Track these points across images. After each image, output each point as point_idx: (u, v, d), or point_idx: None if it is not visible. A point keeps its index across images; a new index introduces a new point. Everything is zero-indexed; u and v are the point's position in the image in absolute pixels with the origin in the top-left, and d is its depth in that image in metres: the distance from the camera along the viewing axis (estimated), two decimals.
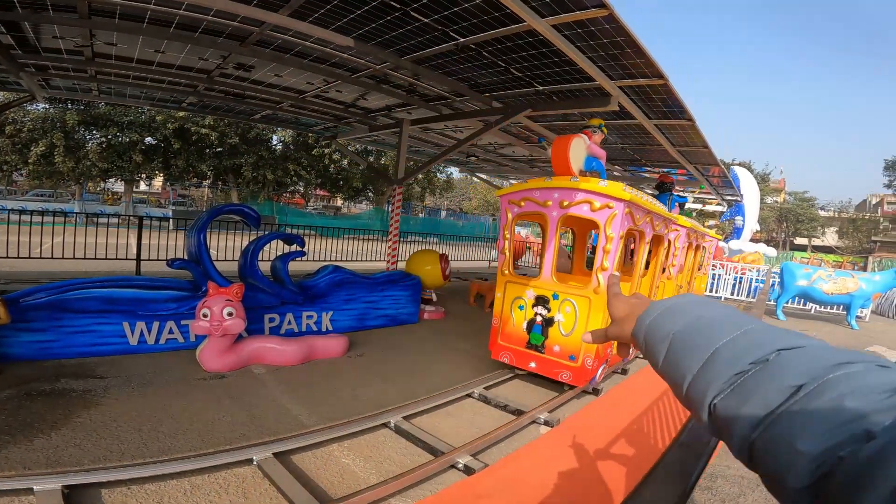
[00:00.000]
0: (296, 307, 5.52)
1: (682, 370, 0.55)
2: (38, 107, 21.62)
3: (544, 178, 4.55)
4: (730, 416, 0.48)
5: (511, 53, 4.42)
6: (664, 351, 0.59)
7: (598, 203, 4.08)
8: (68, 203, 22.92)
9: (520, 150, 9.43)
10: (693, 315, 0.59)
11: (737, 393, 0.48)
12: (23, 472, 2.38)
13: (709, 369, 0.52)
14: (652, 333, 0.63)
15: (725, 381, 0.49)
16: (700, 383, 0.52)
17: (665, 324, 0.61)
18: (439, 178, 34.30)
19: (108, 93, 8.16)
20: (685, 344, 0.57)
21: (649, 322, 0.64)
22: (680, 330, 0.58)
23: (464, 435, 3.43)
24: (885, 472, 0.35)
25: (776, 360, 0.48)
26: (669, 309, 0.63)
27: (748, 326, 0.54)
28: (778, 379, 0.46)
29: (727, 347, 0.52)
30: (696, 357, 0.54)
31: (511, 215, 4.77)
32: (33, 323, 4.02)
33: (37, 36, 5.06)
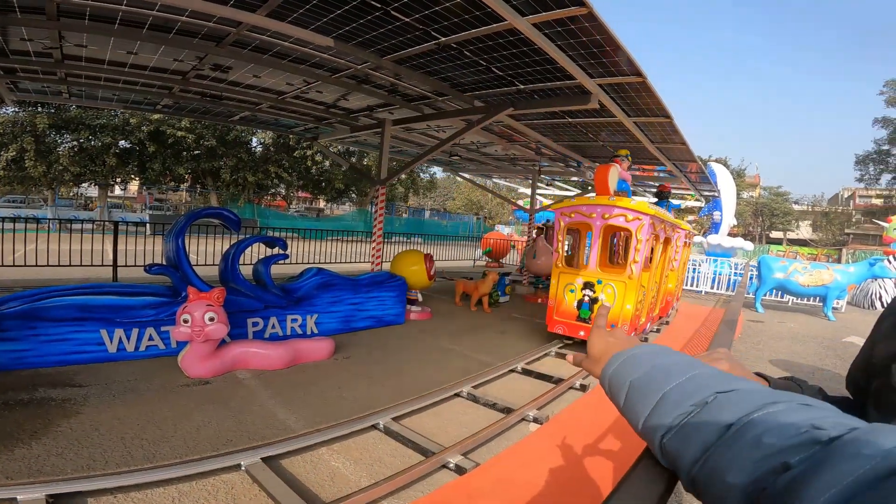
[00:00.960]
0: (280, 311, 5.45)
1: (637, 413, 0.61)
2: (7, 110, 20.92)
3: (588, 197, 6.01)
4: (676, 453, 0.54)
5: (492, 52, 4.43)
6: (623, 397, 0.65)
7: (631, 216, 5.55)
8: (41, 209, 22.23)
9: (502, 148, 9.48)
10: (648, 365, 0.65)
11: (680, 433, 0.54)
12: (5, 481, 2.32)
13: (658, 411, 0.58)
14: (614, 381, 0.68)
15: (671, 421, 0.55)
16: (651, 424, 0.58)
17: (625, 372, 0.67)
18: (422, 178, 34.29)
19: (79, 95, 7.90)
20: (640, 390, 0.62)
21: (612, 371, 0.69)
22: (637, 378, 0.64)
23: (454, 434, 3.43)
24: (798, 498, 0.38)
25: (714, 402, 0.53)
26: (629, 359, 0.69)
27: (694, 372, 0.60)
28: (713, 419, 0.51)
29: (674, 391, 0.58)
30: (648, 401, 0.60)
31: (563, 223, 6.15)
32: (7, 332, 3.90)
33: (4, 38, 4.89)
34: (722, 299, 13.12)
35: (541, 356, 5.73)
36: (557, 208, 6.27)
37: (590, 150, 8.69)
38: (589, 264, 6.03)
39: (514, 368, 5.20)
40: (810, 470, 0.39)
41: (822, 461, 0.39)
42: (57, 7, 4.04)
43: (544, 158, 10.36)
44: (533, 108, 5.64)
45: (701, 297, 13.61)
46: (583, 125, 6.89)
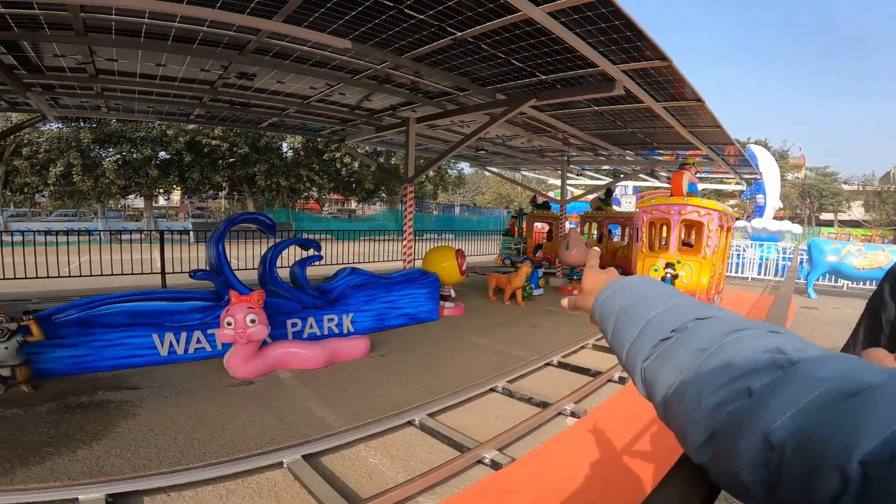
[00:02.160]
0: (317, 311, 5.59)
1: (623, 341, 0.61)
2: (52, 127, 22.12)
3: (666, 197, 7.60)
4: (653, 379, 0.54)
5: (510, 44, 4.38)
6: (612, 325, 0.65)
7: (703, 212, 7.04)
8: (92, 221, 23.52)
9: (528, 140, 9.38)
10: (636, 293, 0.65)
11: (659, 358, 0.54)
12: (67, 482, 2.47)
13: (641, 338, 0.58)
14: (603, 310, 0.68)
15: (652, 347, 0.56)
16: (633, 350, 0.59)
17: (613, 302, 0.67)
18: (450, 174, 34.27)
19: (116, 109, 8.28)
20: (626, 317, 0.63)
21: (602, 301, 0.69)
22: (624, 306, 0.64)
23: (489, 430, 3.45)
24: (757, 419, 0.39)
25: (692, 327, 0.54)
26: (618, 288, 0.69)
27: (677, 301, 0.60)
28: (690, 343, 0.52)
29: (657, 318, 0.58)
30: (632, 328, 0.60)
31: (646, 219, 7.56)
32: (66, 339, 4.16)
33: (38, 55, 5.13)
34: (770, 285, 12.56)
35: (577, 349, 5.66)
36: (641, 207, 7.91)
37: (619, 137, 8.48)
38: (669, 248, 7.40)
39: (549, 362, 5.16)
40: (768, 392, 0.40)
41: (780, 384, 0.40)
42: (83, 23, 4.22)
43: (572, 148, 10.19)
44: (556, 98, 5.56)
45: (747, 283, 13.06)
46: (610, 113, 6.74)
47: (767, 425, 0.38)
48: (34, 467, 2.63)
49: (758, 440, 0.38)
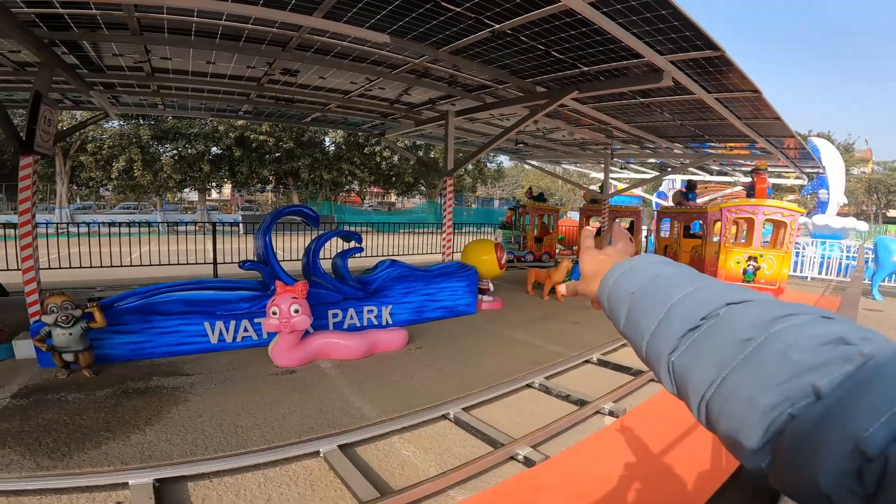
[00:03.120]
0: (357, 302, 5.70)
1: (641, 329, 0.55)
2: (114, 124, 23.57)
3: (750, 199, 8.65)
4: (686, 373, 0.48)
5: (550, 36, 4.27)
6: (625, 312, 0.59)
7: (786, 213, 8.26)
8: (151, 214, 24.99)
9: (569, 133, 9.17)
10: (651, 274, 0.59)
11: (691, 350, 0.48)
12: (120, 466, 2.63)
13: (664, 327, 0.52)
14: (613, 295, 0.62)
15: (680, 338, 0.49)
16: (657, 341, 0.52)
17: (625, 285, 0.61)
18: (489, 167, 34.06)
19: (172, 106, 8.70)
20: (643, 303, 0.56)
21: (611, 284, 0.63)
22: (638, 290, 0.58)
23: (524, 426, 3.43)
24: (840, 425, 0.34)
25: (725, 314, 0.48)
26: (629, 270, 0.63)
27: (700, 283, 0.54)
28: (727, 333, 0.46)
29: (680, 304, 0.52)
30: (652, 315, 0.54)
31: (730, 217, 8.52)
32: (126, 326, 4.43)
33: (98, 54, 5.41)
34: (832, 286, 11.76)
35: (618, 346, 5.52)
36: (725, 207, 8.72)
37: (667, 130, 8.14)
38: (753, 243, 8.45)
39: (588, 359, 5.06)
40: (850, 393, 0.35)
41: (863, 382, 0.35)
42: (138, 22, 4.40)
43: (616, 141, 9.87)
44: (599, 91, 5.40)
45: (806, 283, 12.28)
46: (657, 104, 6.47)
47: (857, 432, 0.32)
48: (90, 451, 2.81)
49: (845, 448, 0.33)
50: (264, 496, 2.49)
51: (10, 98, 7.42)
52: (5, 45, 4.91)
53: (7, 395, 3.56)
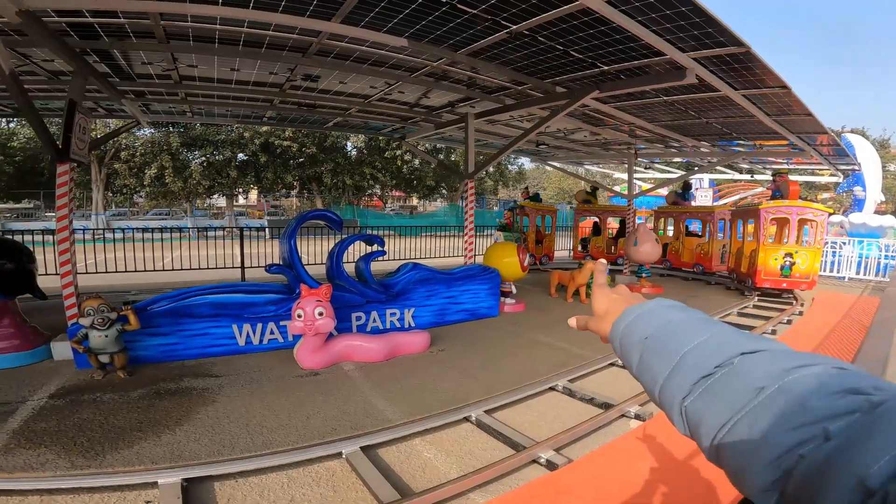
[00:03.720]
0: (380, 305, 5.75)
1: (654, 374, 0.57)
2: (146, 132, 24.39)
3: (784, 200, 9.21)
4: (698, 417, 0.51)
5: (567, 35, 4.23)
6: (637, 356, 0.61)
7: (818, 213, 9.01)
8: (182, 220, 25.77)
9: (591, 134, 9.06)
10: (663, 320, 0.61)
11: (704, 396, 0.51)
12: (151, 466, 2.71)
13: (677, 373, 0.54)
14: (626, 339, 0.64)
15: (693, 384, 0.52)
16: (670, 387, 0.55)
17: (637, 329, 0.63)
18: (510, 169, 33.94)
19: (199, 113, 8.93)
20: (656, 349, 0.59)
21: (623, 328, 0.65)
22: (651, 335, 0.60)
23: (547, 429, 3.40)
24: (847, 464, 0.37)
25: (739, 363, 0.50)
26: (641, 315, 0.64)
27: (714, 330, 0.56)
28: (741, 381, 0.48)
29: (694, 352, 0.54)
30: (665, 361, 0.56)
31: (768, 217, 9.11)
32: (159, 328, 4.58)
33: (128, 63, 5.57)
34: (870, 286, 11.30)
35: None
36: (763, 208, 9.19)
37: (693, 128, 7.96)
38: (789, 241, 9.34)
39: (614, 362, 4.98)
40: (856, 437, 0.38)
41: (870, 427, 0.38)
42: (164, 30, 4.53)
43: (640, 140, 9.71)
44: (620, 90, 5.32)
45: (843, 283, 11.82)
46: (682, 103, 6.33)
47: (862, 470, 0.35)
48: (123, 451, 2.90)
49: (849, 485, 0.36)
50: (287, 496, 2.54)
51: (46, 107, 7.68)
52: (39, 55, 5.10)
53: (45, 396, 3.72)
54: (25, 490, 2.51)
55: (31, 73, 5.71)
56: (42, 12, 3.87)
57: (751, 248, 9.48)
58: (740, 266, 9.93)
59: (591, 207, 13.64)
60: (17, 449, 2.87)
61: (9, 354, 4.37)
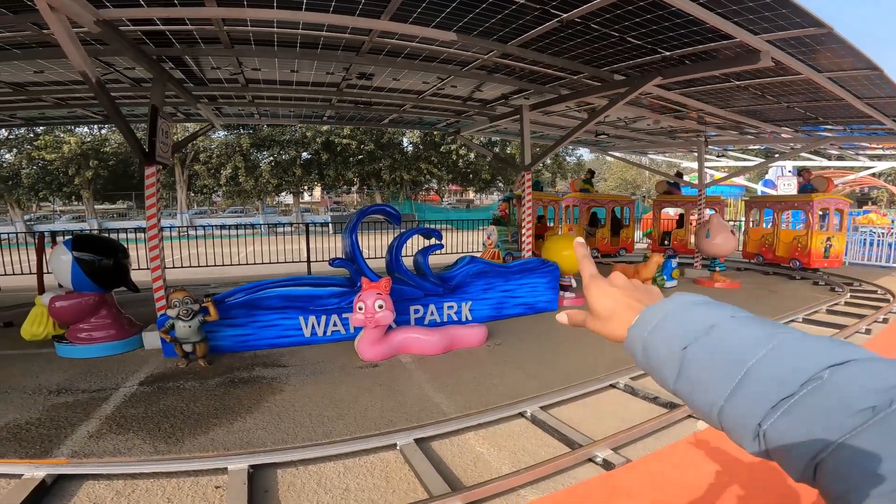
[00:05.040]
0: (437, 298, 5.82)
1: (707, 393, 0.49)
2: (220, 134, 26.12)
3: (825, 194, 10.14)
4: (784, 441, 0.44)
5: (622, 21, 4.05)
6: (675, 370, 0.52)
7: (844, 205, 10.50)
8: (254, 217, 27.46)
9: (654, 122, 8.62)
10: (702, 323, 0.52)
11: (792, 418, 0.44)
12: (223, 452, 2.90)
13: (745, 392, 0.46)
14: (654, 349, 0.55)
15: (773, 406, 0.44)
16: (737, 408, 0.47)
17: (669, 335, 0.54)
18: (568, 161, 33.06)
19: (265, 115, 9.44)
20: (703, 361, 0.50)
21: (648, 334, 0.56)
22: (693, 345, 0.51)
23: (605, 428, 3.31)
24: None
25: (831, 379, 0.43)
26: (669, 316, 0.55)
27: (779, 336, 0.47)
28: (838, 400, 0.42)
29: (763, 365, 0.46)
30: (722, 377, 0.48)
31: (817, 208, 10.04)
32: (234, 319, 4.92)
33: (199, 68, 5.97)
34: None
35: None
36: (816, 199, 9.92)
37: (771, 113, 7.37)
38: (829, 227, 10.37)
39: None
40: None
41: None
42: (228, 35, 4.80)
43: (710, 127, 9.11)
44: (685, 75, 5.02)
45: None
46: (757, 87, 5.88)
47: None
48: (199, 437, 3.13)
49: None
50: (342, 485, 2.64)
51: (132, 113, 8.38)
52: (121, 63, 5.53)
53: (135, 383, 4.12)
54: (112, 475, 2.72)
55: (116, 81, 6.22)
56: (118, 21, 4.16)
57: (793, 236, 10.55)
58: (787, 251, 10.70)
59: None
60: (108, 434, 3.17)
61: (106, 343, 4.87)
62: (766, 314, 6.36)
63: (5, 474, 2.68)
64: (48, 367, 4.47)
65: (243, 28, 4.64)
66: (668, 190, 13.07)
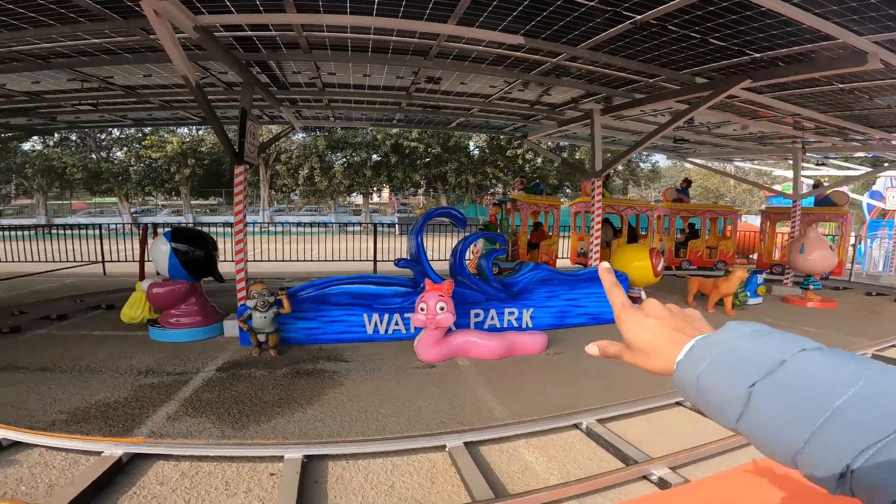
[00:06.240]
0: (498, 303, 5.81)
1: (784, 434, 0.45)
2: (299, 136, 27.73)
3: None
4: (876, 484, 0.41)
5: (704, 23, 3.83)
6: (739, 408, 0.48)
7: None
8: (327, 216, 28.89)
9: (742, 127, 8.02)
10: (770, 358, 0.48)
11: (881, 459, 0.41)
12: (282, 441, 3.04)
13: (831, 434, 0.43)
14: (712, 386, 0.51)
15: (864, 449, 0.41)
16: (820, 451, 0.43)
17: (731, 373, 0.49)
18: (642, 167, 31.54)
19: (340, 118, 9.89)
20: (778, 401, 0.46)
21: (702, 370, 0.52)
22: (762, 382, 0.47)
23: (666, 446, 3.14)
24: None
25: None
26: (727, 350, 0.51)
27: (865, 374, 0.44)
28: None
29: (853, 407, 0.43)
30: (803, 419, 0.44)
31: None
32: (305, 313, 5.21)
33: (282, 73, 6.34)
34: None
35: None
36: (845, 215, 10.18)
37: (881, 118, 6.64)
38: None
39: None
40: None
41: None
42: (307, 41, 5.05)
43: (809, 133, 8.33)
44: (779, 78, 4.65)
45: None
46: (864, 90, 5.34)
47: None
48: (263, 424, 3.29)
49: None
50: (388, 482, 2.69)
51: (224, 115, 9.03)
52: (216, 68, 6.02)
53: (213, 368, 4.45)
54: (181, 456, 2.86)
55: (212, 85, 6.78)
56: (213, 27, 4.51)
57: None
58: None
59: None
60: (183, 416, 3.39)
61: (192, 329, 5.34)
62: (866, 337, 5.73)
63: (87, 451, 2.87)
64: (141, 349, 4.94)
65: (320, 34, 4.88)
66: (678, 198, 12.24)
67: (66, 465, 2.76)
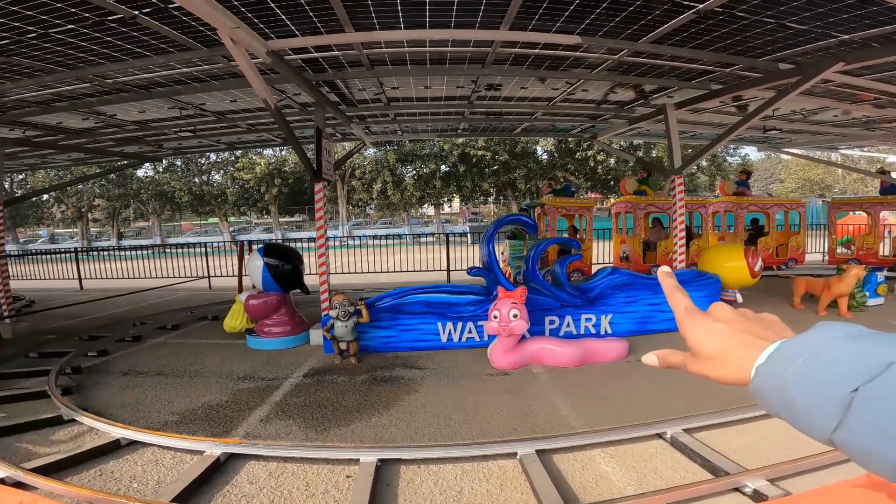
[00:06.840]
0: (574, 310, 5.67)
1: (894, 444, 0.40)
2: (370, 152, 28.93)
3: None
4: None
5: (777, 6, 3.55)
6: (837, 416, 0.42)
7: None
8: (401, 228, 29.84)
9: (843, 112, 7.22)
10: (876, 360, 0.42)
11: None
12: (359, 444, 3.18)
13: None
14: (802, 392, 0.45)
15: None
16: None
17: (828, 377, 0.44)
18: (729, 161, 29.16)
19: (407, 130, 10.16)
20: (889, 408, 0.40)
21: (790, 374, 0.46)
22: (866, 386, 0.41)
23: (764, 456, 2.89)
24: None
25: None
26: (822, 353, 0.46)
27: None
28: None
29: None
30: None
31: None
32: (381, 322, 5.43)
33: (349, 91, 6.61)
34: None
35: None
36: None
37: None
38: None
39: None
40: None
41: None
42: (368, 58, 5.25)
43: None
44: (876, 59, 4.20)
45: None
46: None
47: None
48: (342, 428, 3.47)
49: None
50: (457, 488, 2.71)
51: (302, 135, 9.49)
52: (290, 90, 6.42)
53: (300, 375, 4.78)
54: (270, 456, 3.05)
55: (288, 106, 7.23)
56: (283, 51, 4.80)
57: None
58: None
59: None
60: (274, 419, 3.65)
61: (283, 338, 5.77)
62: None
63: (191, 450, 3.13)
64: (239, 356, 5.43)
65: (379, 50, 5.08)
66: (738, 191, 11.07)
67: (173, 463, 3.08)
